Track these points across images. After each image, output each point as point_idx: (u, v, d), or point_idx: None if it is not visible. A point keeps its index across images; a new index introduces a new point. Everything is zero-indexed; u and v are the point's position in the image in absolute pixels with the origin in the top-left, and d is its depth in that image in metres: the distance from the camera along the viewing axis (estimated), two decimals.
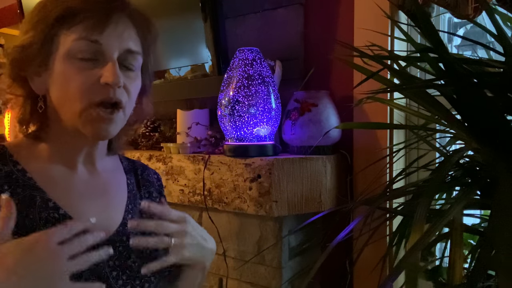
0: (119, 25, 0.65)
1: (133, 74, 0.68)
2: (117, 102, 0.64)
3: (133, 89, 0.68)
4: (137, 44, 0.68)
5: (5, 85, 0.68)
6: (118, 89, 0.64)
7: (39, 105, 0.67)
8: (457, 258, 0.58)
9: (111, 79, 0.62)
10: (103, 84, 0.63)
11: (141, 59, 0.70)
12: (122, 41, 0.65)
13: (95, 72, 0.63)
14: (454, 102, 0.71)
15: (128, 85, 0.66)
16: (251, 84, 1.08)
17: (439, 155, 1.04)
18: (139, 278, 0.70)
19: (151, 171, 0.87)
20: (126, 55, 0.66)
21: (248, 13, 1.44)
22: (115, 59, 0.64)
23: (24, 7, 1.88)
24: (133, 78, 0.68)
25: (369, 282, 1.17)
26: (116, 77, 0.62)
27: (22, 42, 0.64)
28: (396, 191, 1.00)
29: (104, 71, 0.63)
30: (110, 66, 0.63)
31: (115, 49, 0.64)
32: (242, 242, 1.19)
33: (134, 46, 0.67)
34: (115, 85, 0.63)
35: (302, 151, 1.17)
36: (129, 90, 0.67)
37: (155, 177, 0.87)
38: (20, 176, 0.65)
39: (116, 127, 0.67)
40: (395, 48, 1.18)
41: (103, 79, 0.62)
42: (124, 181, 0.79)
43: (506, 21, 0.88)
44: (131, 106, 0.70)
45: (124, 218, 0.73)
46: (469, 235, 0.91)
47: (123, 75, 0.65)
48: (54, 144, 0.69)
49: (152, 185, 0.84)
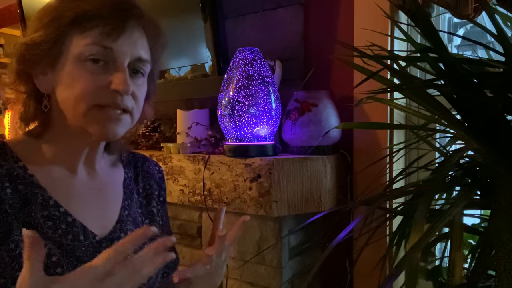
0: (133, 33, 0.65)
1: (141, 81, 0.69)
2: (124, 108, 0.65)
3: (140, 95, 0.69)
4: (147, 52, 0.69)
5: (9, 81, 0.67)
6: (127, 96, 0.65)
7: (44, 104, 0.67)
8: (457, 258, 0.58)
9: (121, 87, 0.63)
10: (112, 90, 0.63)
11: (150, 66, 0.70)
12: (135, 49, 0.65)
13: (105, 77, 0.63)
14: (454, 102, 0.71)
15: (136, 91, 0.67)
16: (251, 84, 1.08)
17: (439, 155, 1.04)
18: None
19: (152, 163, 0.86)
20: (136, 62, 0.66)
21: (248, 13, 1.44)
22: (125, 67, 0.64)
23: (24, 7, 1.88)
24: (141, 84, 0.69)
25: (369, 282, 1.17)
26: (126, 85, 0.63)
27: (32, 40, 0.64)
28: (396, 191, 1.00)
29: (114, 78, 0.63)
30: (122, 73, 0.63)
31: (127, 57, 0.65)
32: (242, 242, 1.19)
33: (145, 55, 0.68)
34: (124, 93, 0.63)
35: (302, 151, 1.17)
36: (136, 96, 0.67)
37: (156, 169, 0.86)
38: (21, 173, 0.65)
39: (123, 129, 0.67)
40: (395, 48, 1.18)
41: (113, 85, 0.63)
42: (122, 176, 0.79)
43: (506, 21, 0.88)
44: (138, 111, 0.70)
45: (120, 215, 0.74)
46: (469, 235, 0.91)
47: (132, 82, 0.66)
48: (56, 143, 0.69)
49: (152, 177, 0.84)
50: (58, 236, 0.63)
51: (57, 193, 0.66)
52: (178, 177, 1.25)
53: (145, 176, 0.83)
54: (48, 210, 0.64)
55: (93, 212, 0.70)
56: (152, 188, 0.83)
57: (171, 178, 1.27)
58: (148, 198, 0.82)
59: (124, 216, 0.74)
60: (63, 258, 0.62)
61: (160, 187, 0.86)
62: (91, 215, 0.69)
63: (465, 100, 0.69)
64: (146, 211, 0.81)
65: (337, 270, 1.21)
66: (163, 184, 0.87)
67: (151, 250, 0.52)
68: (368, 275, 1.02)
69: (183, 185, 1.24)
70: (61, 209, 0.65)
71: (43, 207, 0.64)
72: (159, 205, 0.84)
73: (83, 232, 0.66)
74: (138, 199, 0.80)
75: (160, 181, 0.86)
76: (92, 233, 0.67)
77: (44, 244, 0.48)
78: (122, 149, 0.81)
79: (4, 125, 1.89)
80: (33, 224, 0.62)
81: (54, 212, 0.64)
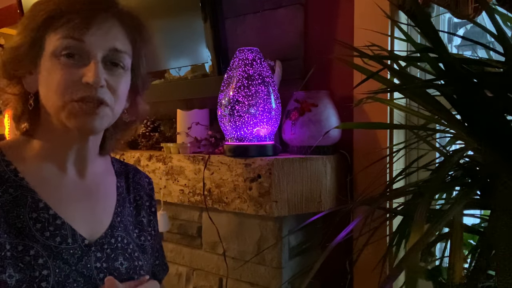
0: (104, 24, 0.66)
1: (120, 72, 0.69)
2: (99, 100, 0.65)
3: (120, 87, 0.69)
4: (124, 44, 0.69)
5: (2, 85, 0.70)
6: (101, 88, 0.65)
7: (29, 103, 0.69)
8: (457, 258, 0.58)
9: (91, 79, 0.63)
10: (84, 83, 0.64)
11: (129, 59, 0.71)
12: (107, 40, 0.66)
13: (78, 70, 0.64)
14: (454, 102, 0.71)
15: (113, 83, 0.67)
16: (251, 84, 1.08)
17: (439, 155, 1.03)
18: (126, 280, 0.70)
19: (142, 175, 0.88)
20: (112, 54, 0.67)
21: (248, 13, 1.44)
22: (98, 59, 0.65)
23: (24, 7, 1.88)
24: (120, 76, 0.69)
25: (369, 282, 1.17)
26: (96, 77, 0.63)
27: (13, 43, 0.67)
28: (396, 191, 1.00)
29: (86, 71, 0.64)
30: (92, 65, 0.64)
31: (99, 49, 0.65)
32: (242, 242, 1.19)
33: (121, 46, 0.68)
34: (95, 84, 0.64)
35: (302, 151, 1.17)
36: (114, 89, 0.67)
37: (146, 181, 0.88)
38: (12, 176, 0.66)
39: (102, 122, 0.67)
40: (395, 48, 1.18)
41: (84, 78, 0.63)
42: (114, 184, 0.80)
43: (506, 21, 0.88)
44: (120, 104, 0.70)
45: (112, 221, 0.74)
46: (469, 235, 0.91)
47: (108, 74, 0.66)
48: (45, 141, 0.70)
49: (142, 188, 0.85)
50: (46, 239, 0.63)
51: (47, 195, 0.67)
52: (178, 177, 1.25)
53: (136, 187, 0.84)
54: (37, 213, 0.64)
55: (83, 215, 0.70)
56: (143, 199, 0.84)
57: (171, 178, 1.27)
58: (138, 208, 0.83)
59: (117, 222, 0.74)
60: (50, 260, 0.62)
61: (151, 198, 0.87)
62: (81, 218, 0.70)
63: (465, 100, 0.69)
64: (136, 221, 0.81)
65: (337, 270, 1.21)
66: (153, 195, 0.88)
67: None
68: (368, 275, 1.02)
69: (183, 185, 1.24)
70: (50, 212, 0.66)
71: (32, 210, 0.64)
72: (150, 215, 0.85)
73: (72, 235, 0.66)
74: (130, 208, 0.81)
75: (150, 192, 0.87)
76: (81, 237, 0.67)
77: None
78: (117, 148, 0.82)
79: (4, 125, 1.89)
80: (22, 227, 0.62)
81: (43, 215, 0.65)
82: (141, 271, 0.74)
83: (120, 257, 0.71)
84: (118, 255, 0.71)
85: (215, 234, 1.22)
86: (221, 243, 1.22)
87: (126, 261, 0.72)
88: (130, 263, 0.72)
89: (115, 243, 0.71)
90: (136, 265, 0.73)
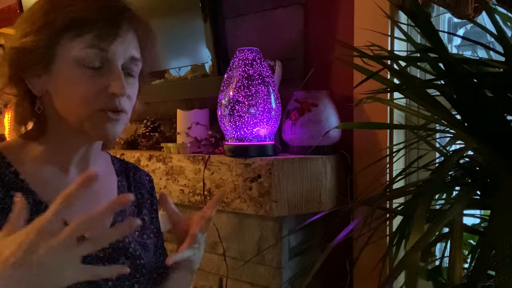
0: (127, 36, 0.66)
1: (133, 80, 0.70)
2: (122, 109, 0.66)
3: (133, 94, 0.70)
4: (138, 51, 0.70)
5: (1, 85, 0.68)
6: (123, 98, 0.66)
7: (37, 106, 0.68)
8: (457, 258, 0.58)
9: (119, 91, 0.64)
10: (110, 93, 0.64)
11: (141, 65, 0.71)
12: (128, 49, 0.66)
13: (101, 80, 0.64)
14: (454, 102, 0.71)
15: (130, 92, 0.68)
16: (251, 84, 1.08)
17: (439, 155, 1.03)
18: (128, 279, 0.70)
19: (143, 173, 0.88)
20: (130, 62, 0.67)
21: (248, 13, 1.44)
22: (120, 70, 0.65)
23: (24, 7, 1.88)
24: (134, 84, 0.70)
25: (369, 282, 1.17)
26: (123, 88, 0.64)
27: (23, 45, 0.64)
28: (396, 191, 1.00)
29: (111, 81, 0.64)
30: (118, 77, 0.64)
31: (121, 57, 0.65)
32: (242, 242, 1.19)
33: (137, 54, 0.69)
34: (121, 96, 0.65)
35: (302, 151, 1.17)
36: (130, 97, 0.69)
37: (146, 179, 0.87)
38: (12, 178, 0.65)
39: (122, 128, 0.69)
40: (395, 48, 1.18)
41: (111, 89, 0.64)
42: (115, 182, 0.80)
43: (506, 21, 0.88)
44: (132, 109, 0.72)
45: (114, 220, 0.74)
46: (469, 235, 0.91)
47: (126, 83, 0.67)
48: (50, 145, 0.70)
49: (143, 186, 0.85)
50: None
51: (49, 196, 0.67)
52: (178, 177, 1.25)
53: (137, 186, 0.84)
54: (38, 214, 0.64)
55: None
56: (144, 198, 0.84)
57: (171, 178, 1.27)
58: (139, 207, 0.83)
59: (118, 221, 0.74)
60: None
61: (152, 195, 0.86)
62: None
63: (465, 100, 0.69)
64: None
65: (337, 270, 1.21)
66: (154, 193, 0.88)
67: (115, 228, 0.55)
68: (368, 275, 1.02)
69: (183, 185, 1.24)
70: None
71: (33, 212, 0.64)
72: (152, 213, 0.85)
73: None
74: (131, 208, 0.81)
75: (151, 190, 0.87)
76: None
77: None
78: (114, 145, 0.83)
79: (4, 125, 1.89)
80: None
81: None
82: (143, 270, 0.74)
83: (121, 256, 0.71)
84: (120, 254, 0.71)
85: (215, 234, 1.22)
86: (221, 243, 1.22)
87: (128, 260, 0.72)
88: (132, 262, 0.72)
89: (117, 242, 0.71)
90: (138, 263, 0.73)
